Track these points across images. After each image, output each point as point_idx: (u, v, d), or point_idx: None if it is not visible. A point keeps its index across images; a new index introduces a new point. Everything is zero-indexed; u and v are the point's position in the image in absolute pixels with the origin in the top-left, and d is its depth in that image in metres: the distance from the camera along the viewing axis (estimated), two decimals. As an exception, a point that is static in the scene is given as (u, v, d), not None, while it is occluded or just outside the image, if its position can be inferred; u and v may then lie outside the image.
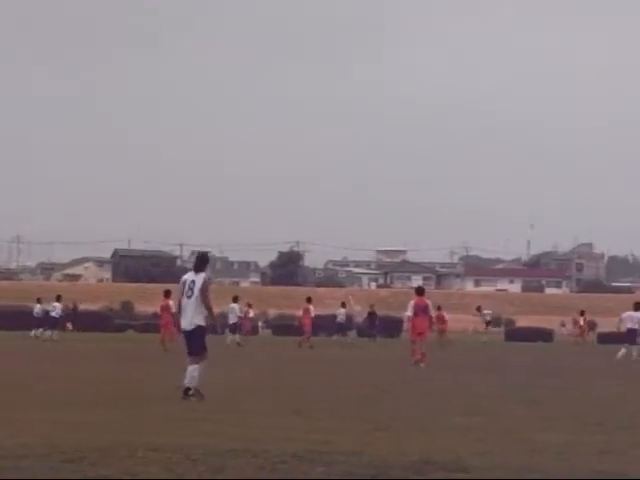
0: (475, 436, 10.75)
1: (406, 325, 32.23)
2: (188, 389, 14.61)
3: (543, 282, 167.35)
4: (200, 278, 14.88)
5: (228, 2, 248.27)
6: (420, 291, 27.87)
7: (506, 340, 63.62)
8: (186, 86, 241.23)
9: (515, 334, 67.52)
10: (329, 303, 79.28)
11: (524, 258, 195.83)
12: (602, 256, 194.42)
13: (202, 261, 15.43)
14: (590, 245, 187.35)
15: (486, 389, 18.18)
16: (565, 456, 9.36)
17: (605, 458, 9.34)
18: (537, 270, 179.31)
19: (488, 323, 60.33)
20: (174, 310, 15.23)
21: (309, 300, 45.22)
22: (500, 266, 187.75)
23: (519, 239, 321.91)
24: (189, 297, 14.78)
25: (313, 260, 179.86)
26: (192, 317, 14.74)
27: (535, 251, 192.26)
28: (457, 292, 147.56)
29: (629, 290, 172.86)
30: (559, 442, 10.39)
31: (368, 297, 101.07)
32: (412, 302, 27.17)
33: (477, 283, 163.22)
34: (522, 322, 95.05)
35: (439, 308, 48.77)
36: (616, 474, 8.38)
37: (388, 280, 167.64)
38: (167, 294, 35.40)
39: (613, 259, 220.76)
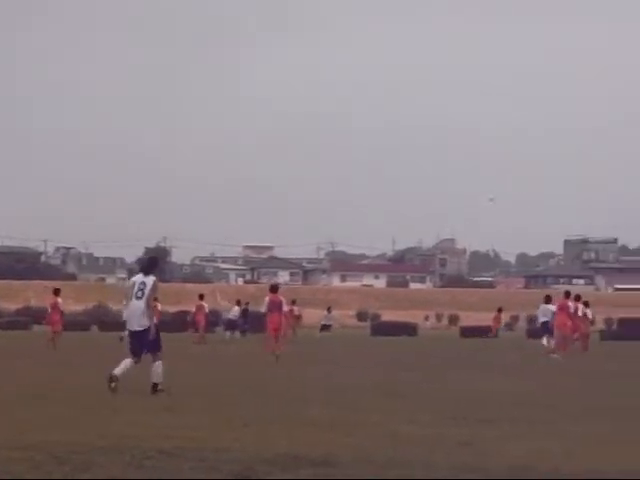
0: (341, 430, 10.81)
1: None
2: (155, 385, 15.20)
3: (407, 277, 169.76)
4: (150, 280, 15.54)
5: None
6: (274, 288, 28.98)
7: (372, 335, 64.08)
8: None
9: (380, 328, 68.09)
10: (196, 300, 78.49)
11: (389, 254, 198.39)
12: (464, 251, 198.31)
13: (152, 264, 16.38)
14: (452, 241, 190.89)
15: (352, 383, 18.24)
16: (429, 449, 9.48)
17: (467, 450, 9.48)
18: (401, 265, 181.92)
19: (323, 327, 61.11)
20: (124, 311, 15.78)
21: (201, 297, 45.29)
22: (365, 262, 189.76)
23: (385, 235, 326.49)
24: (139, 298, 15.39)
25: (180, 256, 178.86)
26: (141, 318, 15.33)
27: (400, 247, 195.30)
28: (323, 287, 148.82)
29: (490, 285, 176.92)
30: (423, 435, 10.52)
31: (236, 293, 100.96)
32: (267, 299, 28.19)
33: (343, 278, 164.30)
34: (387, 317, 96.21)
35: (293, 302, 49.64)
36: (477, 467, 8.53)
37: (255, 276, 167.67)
38: (56, 292, 35.72)
39: (475, 254, 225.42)
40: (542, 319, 37.20)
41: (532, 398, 15.44)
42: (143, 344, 15.25)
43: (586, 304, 39.65)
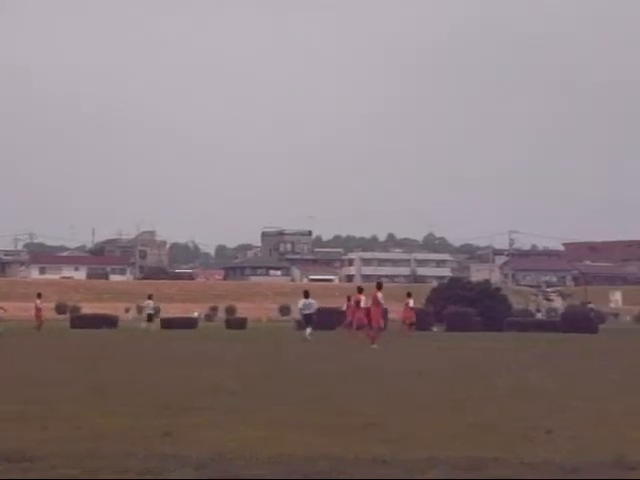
0: (36, 424, 10.46)
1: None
2: None
3: (108, 269, 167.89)
4: None
5: None
6: None
7: (71, 327, 62.68)
8: None
9: (80, 321, 66.66)
10: None
11: (89, 246, 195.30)
12: (164, 243, 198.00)
13: None
14: (153, 233, 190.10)
15: (49, 376, 17.75)
16: (130, 440, 9.34)
17: (167, 440, 9.43)
18: (102, 257, 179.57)
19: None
20: None
21: (39, 295, 49.98)
22: (65, 253, 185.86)
23: (85, 226, 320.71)
24: None
25: None
26: None
27: (100, 239, 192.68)
28: (22, 280, 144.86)
29: (190, 276, 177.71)
30: (124, 426, 10.36)
31: None
32: None
33: (42, 271, 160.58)
34: (88, 309, 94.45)
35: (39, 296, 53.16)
36: (178, 455, 8.50)
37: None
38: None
39: (175, 246, 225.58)
40: (306, 311, 39.63)
41: (230, 386, 15.59)
42: None
43: (409, 295, 47.27)
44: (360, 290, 39.50)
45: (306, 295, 40.55)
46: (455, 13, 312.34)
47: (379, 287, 37.29)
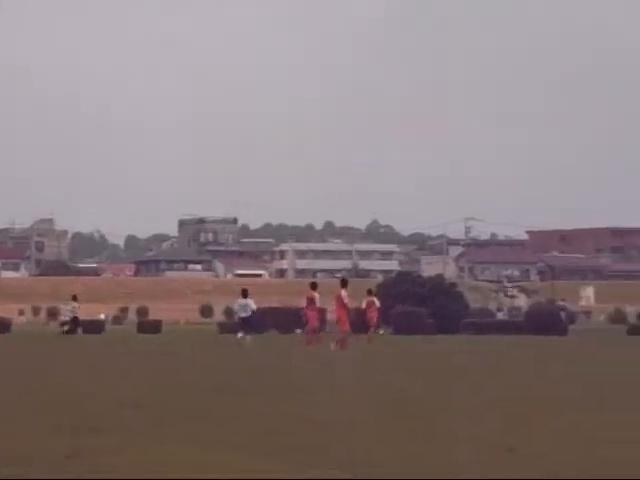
0: None
1: None
2: None
3: None
4: None
5: None
6: None
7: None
8: None
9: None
10: None
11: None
12: (65, 233, 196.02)
13: None
14: (51, 221, 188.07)
15: None
16: (23, 468, 9.28)
17: (75, 463, 9.41)
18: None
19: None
20: None
21: None
22: None
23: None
24: None
25: None
26: None
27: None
28: None
29: (96, 272, 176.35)
30: (23, 449, 10.30)
31: None
32: None
33: None
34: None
35: None
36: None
37: None
38: None
39: (78, 236, 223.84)
40: (242, 314, 39.44)
41: (141, 400, 15.54)
42: None
43: (370, 292, 48.78)
44: (314, 286, 39.24)
45: (244, 294, 40.19)
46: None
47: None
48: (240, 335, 38.76)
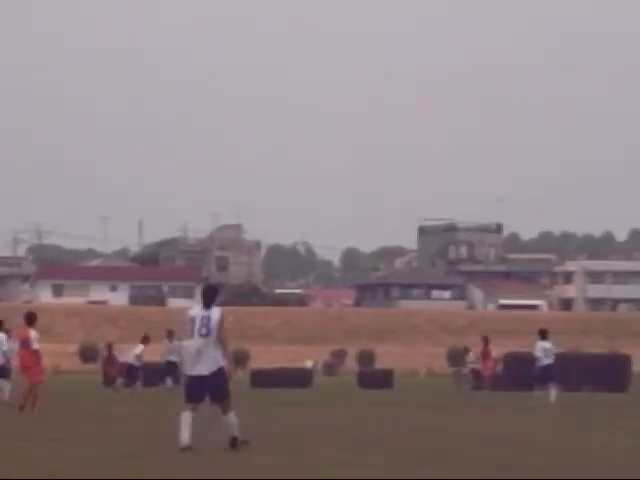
0: None
1: None
2: (235, 438, 20.60)
3: (165, 288, 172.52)
4: (216, 313, 20.60)
5: None
6: None
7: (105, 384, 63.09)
8: None
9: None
10: None
11: (134, 249, 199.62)
12: (258, 246, 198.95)
13: (213, 293, 21.08)
14: (239, 227, 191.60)
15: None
16: None
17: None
18: (155, 269, 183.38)
19: None
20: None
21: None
22: (95, 262, 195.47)
23: (127, 219, 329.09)
24: (204, 336, 20.35)
25: None
26: (211, 358, 20.39)
27: (151, 238, 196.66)
28: (25, 306, 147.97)
29: (300, 300, 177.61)
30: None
31: None
32: None
33: (57, 291, 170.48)
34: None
35: None
36: None
37: None
38: None
39: (275, 250, 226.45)
40: (545, 361, 41.19)
41: None
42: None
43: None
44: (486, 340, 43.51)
45: (543, 335, 41.66)
46: None
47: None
48: (538, 392, 39.83)
